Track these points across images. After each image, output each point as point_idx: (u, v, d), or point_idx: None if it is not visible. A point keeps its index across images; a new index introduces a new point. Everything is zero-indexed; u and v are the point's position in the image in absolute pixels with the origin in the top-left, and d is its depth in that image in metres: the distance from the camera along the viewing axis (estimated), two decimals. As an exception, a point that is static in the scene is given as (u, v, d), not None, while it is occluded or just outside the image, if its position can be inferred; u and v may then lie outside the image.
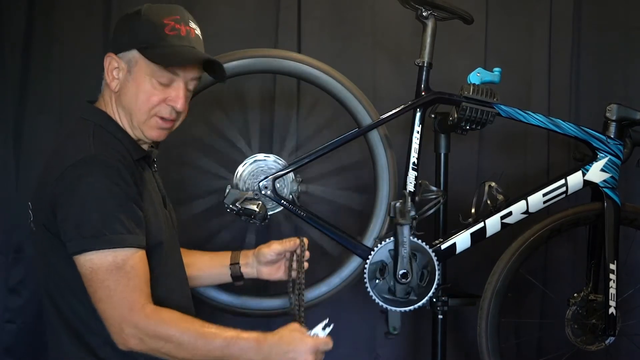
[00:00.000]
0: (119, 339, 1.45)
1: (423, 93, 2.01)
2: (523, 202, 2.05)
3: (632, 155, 2.12)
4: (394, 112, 1.99)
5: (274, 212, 1.94)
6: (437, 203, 2.04)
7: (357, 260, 2.01)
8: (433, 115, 2.10)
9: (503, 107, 2.03)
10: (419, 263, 1.96)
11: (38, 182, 1.54)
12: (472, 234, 2.03)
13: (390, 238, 1.95)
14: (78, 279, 1.46)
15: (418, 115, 2.01)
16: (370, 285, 1.95)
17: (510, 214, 2.04)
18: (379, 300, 1.96)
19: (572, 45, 2.61)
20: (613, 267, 2.05)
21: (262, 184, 1.93)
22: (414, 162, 2.00)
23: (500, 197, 2.05)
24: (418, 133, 2.00)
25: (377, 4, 2.52)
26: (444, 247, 2.02)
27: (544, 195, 2.06)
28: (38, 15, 2.39)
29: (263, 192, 1.93)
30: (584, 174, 2.08)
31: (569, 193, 2.08)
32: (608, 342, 2.12)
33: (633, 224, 2.17)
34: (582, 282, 2.22)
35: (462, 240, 2.03)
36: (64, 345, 1.52)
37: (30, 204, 1.56)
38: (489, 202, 2.05)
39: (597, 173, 2.07)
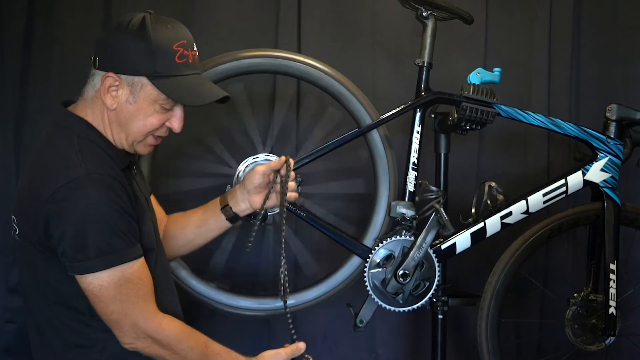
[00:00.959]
0: (128, 342, 1.50)
1: (423, 93, 2.01)
2: (523, 202, 2.05)
3: (632, 155, 2.13)
4: (394, 112, 1.99)
5: (274, 212, 1.94)
6: (437, 203, 2.04)
7: (357, 260, 2.02)
8: (433, 115, 2.10)
9: (503, 107, 2.03)
10: (423, 274, 1.97)
11: (20, 194, 1.53)
12: (472, 234, 2.04)
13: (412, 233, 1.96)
14: (69, 289, 1.48)
15: (418, 115, 2.01)
16: (369, 267, 1.96)
17: (510, 214, 2.05)
18: (368, 286, 1.96)
19: (572, 45, 2.60)
20: (613, 267, 2.06)
21: (262, 184, 1.92)
22: (414, 162, 2.00)
23: (500, 197, 2.05)
24: (418, 133, 2.00)
25: (377, 4, 2.51)
26: (444, 247, 2.03)
27: (544, 195, 2.07)
28: (38, 15, 2.38)
29: (263, 192, 1.92)
30: (584, 174, 2.08)
31: (569, 193, 2.08)
32: (608, 342, 2.13)
33: (633, 224, 2.17)
34: (582, 282, 2.22)
35: (462, 240, 2.04)
36: (52, 349, 1.54)
37: (15, 218, 1.54)
38: (489, 202, 2.05)
39: (597, 173, 2.08)
